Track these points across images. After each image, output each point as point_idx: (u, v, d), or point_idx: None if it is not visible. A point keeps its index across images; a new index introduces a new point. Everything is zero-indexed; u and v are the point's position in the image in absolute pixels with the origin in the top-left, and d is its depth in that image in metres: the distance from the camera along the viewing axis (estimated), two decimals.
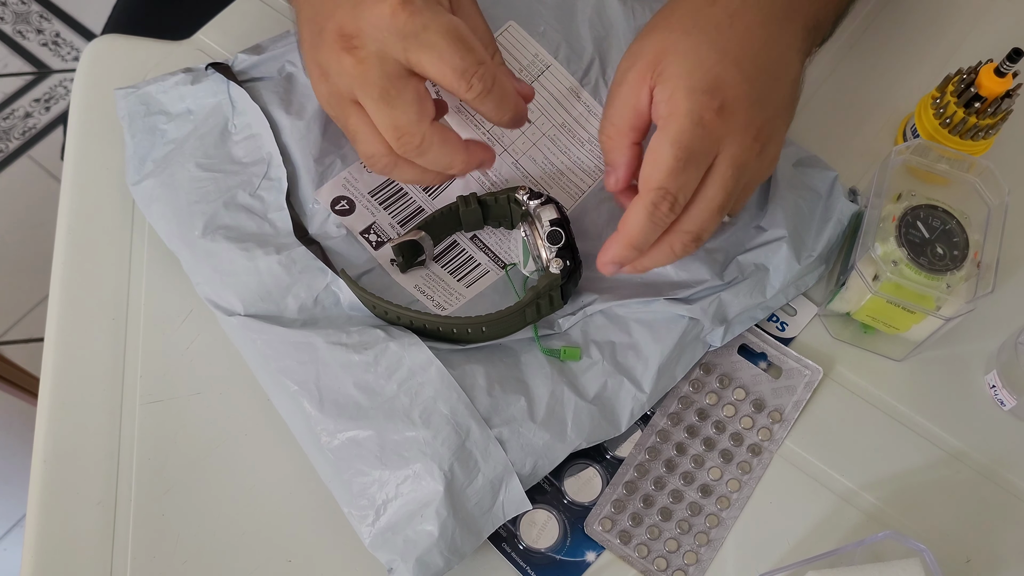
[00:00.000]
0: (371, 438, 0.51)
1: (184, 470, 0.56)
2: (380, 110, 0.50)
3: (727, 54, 0.50)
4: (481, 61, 0.49)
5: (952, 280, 0.55)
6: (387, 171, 0.54)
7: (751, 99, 0.50)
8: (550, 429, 0.53)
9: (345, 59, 0.50)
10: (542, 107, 0.64)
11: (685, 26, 0.52)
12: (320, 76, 0.53)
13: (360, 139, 0.53)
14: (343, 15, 0.50)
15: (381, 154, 0.53)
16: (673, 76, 0.50)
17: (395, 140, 0.51)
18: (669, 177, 0.48)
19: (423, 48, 0.49)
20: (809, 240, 0.59)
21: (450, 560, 0.51)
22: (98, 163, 0.64)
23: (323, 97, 0.54)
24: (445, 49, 0.49)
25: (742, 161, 0.50)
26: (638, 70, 0.51)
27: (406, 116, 0.50)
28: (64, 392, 0.58)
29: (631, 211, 0.49)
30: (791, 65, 0.53)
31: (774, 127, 0.52)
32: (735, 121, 0.49)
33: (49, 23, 1.73)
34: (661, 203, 0.49)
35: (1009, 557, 0.55)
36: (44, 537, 0.54)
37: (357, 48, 0.49)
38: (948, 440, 0.58)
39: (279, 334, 0.54)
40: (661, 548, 0.55)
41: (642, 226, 0.49)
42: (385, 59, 0.49)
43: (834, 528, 0.56)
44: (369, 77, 0.50)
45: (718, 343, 0.58)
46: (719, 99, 0.49)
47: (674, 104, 0.49)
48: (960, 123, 0.61)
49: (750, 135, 0.50)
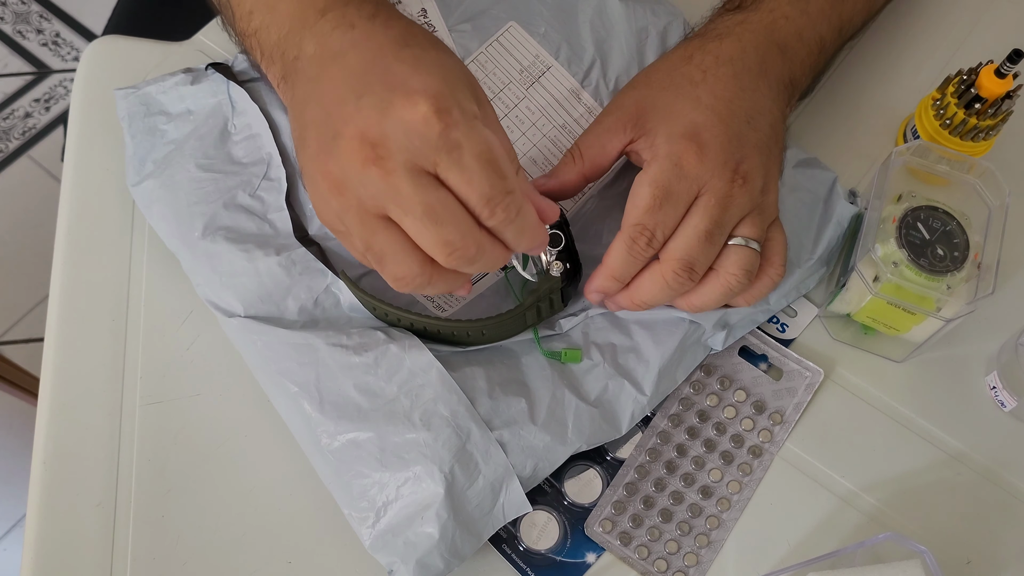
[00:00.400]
0: (371, 440, 0.51)
1: (184, 471, 0.56)
2: (427, 228, 0.44)
3: (700, 102, 0.54)
4: (509, 190, 0.45)
5: (952, 281, 0.55)
6: (420, 289, 0.47)
7: (727, 137, 0.53)
8: (551, 431, 0.53)
9: (371, 171, 0.44)
10: (543, 108, 0.64)
11: (662, 83, 0.56)
12: (332, 189, 0.46)
13: (390, 260, 0.46)
14: (366, 120, 0.44)
15: (416, 274, 0.46)
16: (653, 127, 0.54)
17: (446, 256, 0.45)
18: (646, 214, 0.51)
19: (453, 167, 0.44)
20: (809, 243, 0.59)
21: (450, 562, 0.51)
22: (98, 164, 0.64)
23: (332, 213, 0.47)
24: (476, 173, 0.44)
25: (724, 193, 0.52)
26: (617, 118, 0.56)
27: (458, 230, 0.45)
28: (64, 393, 0.58)
29: (612, 245, 0.52)
30: (767, 111, 0.56)
31: (753, 163, 0.53)
32: (713, 159, 0.52)
33: (49, 23, 1.73)
34: (639, 238, 0.51)
35: (1010, 558, 0.55)
36: (44, 538, 0.54)
37: (384, 158, 0.43)
38: (948, 441, 0.58)
39: (279, 335, 0.54)
40: (661, 549, 0.55)
41: (622, 259, 0.52)
42: (415, 171, 0.44)
43: (834, 530, 0.56)
44: (404, 192, 0.44)
45: (719, 347, 0.58)
46: (697, 142, 0.52)
47: (654, 150, 0.53)
48: (960, 124, 0.61)
49: (729, 169, 0.52)
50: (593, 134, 0.56)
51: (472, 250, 0.45)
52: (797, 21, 0.59)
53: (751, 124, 0.55)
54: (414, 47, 0.47)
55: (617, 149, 0.56)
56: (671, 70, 0.57)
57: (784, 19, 0.59)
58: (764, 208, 0.54)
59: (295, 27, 0.51)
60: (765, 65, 0.57)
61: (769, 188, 0.55)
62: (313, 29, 0.50)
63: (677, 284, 0.52)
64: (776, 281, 0.55)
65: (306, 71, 0.50)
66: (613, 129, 0.56)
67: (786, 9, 0.59)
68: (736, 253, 0.53)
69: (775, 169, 0.56)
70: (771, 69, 0.57)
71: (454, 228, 0.44)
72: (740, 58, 0.56)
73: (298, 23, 0.50)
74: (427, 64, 0.46)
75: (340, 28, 0.49)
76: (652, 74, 0.58)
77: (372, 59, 0.47)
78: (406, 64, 0.46)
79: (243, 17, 0.54)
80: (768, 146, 0.55)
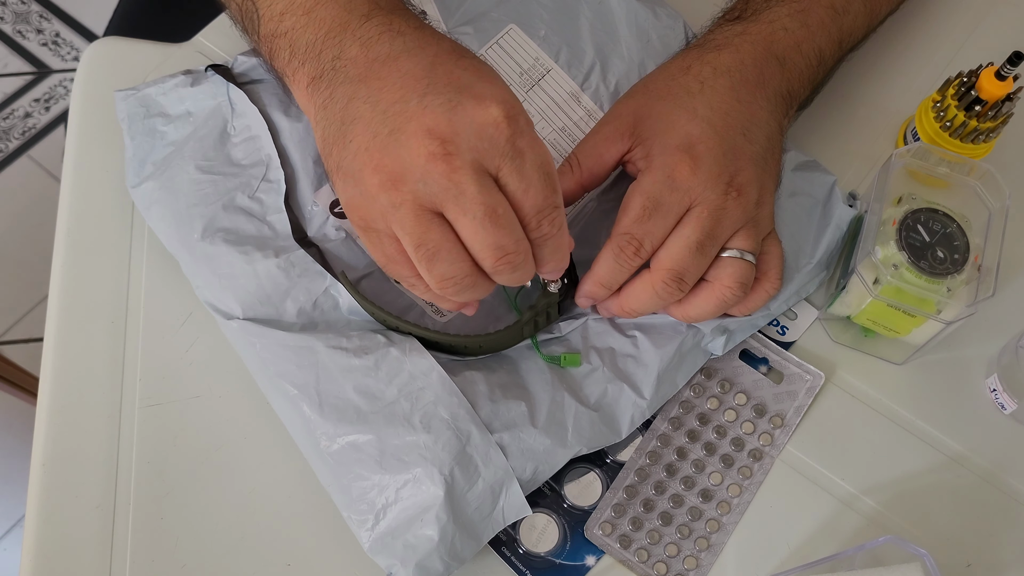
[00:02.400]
0: (371, 442, 0.51)
1: (183, 473, 0.56)
2: (484, 229, 0.44)
3: (697, 113, 0.54)
4: (558, 205, 0.46)
5: (953, 284, 0.55)
6: (463, 293, 0.48)
7: (721, 150, 0.53)
8: (551, 434, 0.53)
9: (437, 166, 0.44)
10: (542, 111, 0.64)
11: (660, 93, 0.56)
12: (385, 183, 0.45)
13: (443, 258, 0.46)
14: (434, 117, 0.44)
15: (465, 274, 0.46)
16: (648, 137, 0.54)
17: (494, 260, 0.46)
18: (634, 224, 0.52)
19: (515, 173, 0.45)
20: (808, 246, 0.59)
21: (450, 565, 0.51)
22: (98, 165, 0.64)
23: (378, 209, 0.46)
24: (535, 183, 0.45)
25: (717, 206, 0.52)
26: (614, 128, 0.56)
27: (513, 236, 0.45)
28: (63, 395, 0.58)
29: (601, 253, 0.53)
30: (764, 123, 0.56)
31: (748, 176, 0.53)
32: (706, 171, 0.52)
33: (49, 23, 1.73)
34: (626, 247, 0.52)
35: (1010, 561, 0.55)
36: (43, 541, 0.54)
37: (452, 155, 0.44)
38: (949, 444, 0.58)
39: (278, 338, 0.54)
40: (661, 553, 0.55)
41: (609, 267, 0.53)
42: (480, 171, 0.44)
43: (835, 533, 0.56)
44: (468, 191, 0.44)
45: (719, 352, 0.58)
46: (690, 154, 0.52)
47: (649, 160, 0.53)
48: (961, 126, 0.61)
49: (723, 181, 0.52)
50: (590, 143, 0.56)
51: (520, 258, 0.46)
52: (796, 33, 0.59)
53: (747, 136, 0.55)
54: (471, 58, 0.48)
55: (614, 158, 0.56)
56: (669, 80, 0.57)
57: (783, 31, 0.59)
58: (759, 221, 0.54)
59: (335, 30, 0.51)
60: (763, 77, 0.57)
61: (764, 201, 0.55)
62: (356, 32, 0.50)
63: (666, 293, 0.52)
64: (771, 294, 0.56)
65: (348, 71, 0.49)
66: (611, 138, 0.56)
67: (786, 21, 0.59)
68: (730, 265, 0.53)
69: (771, 182, 0.56)
70: (769, 81, 0.57)
71: (510, 234, 0.45)
72: (738, 69, 0.56)
73: (338, 26, 0.51)
74: (489, 73, 0.47)
75: (388, 34, 0.49)
76: (650, 84, 0.58)
77: (431, 64, 0.47)
78: (469, 72, 0.47)
79: (272, 19, 0.54)
80: (764, 159, 0.55)
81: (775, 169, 0.57)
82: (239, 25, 0.59)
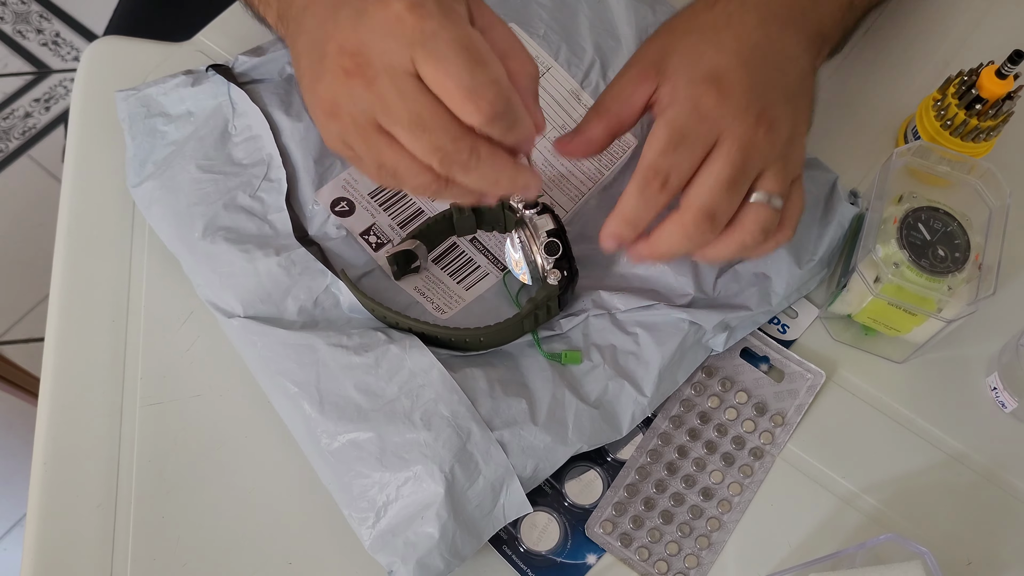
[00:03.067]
0: (371, 440, 0.51)
1: (184, 472, 0.56)
2: (416, 136, 0.43)
3: (724, 47, 0.51)
4: (494, 80, 0.43)
5: (953, 282, 0.55)
6: (438, 195, 0.47)
7: (750, 82, 0.50)
8: (551, 432, 0.53)
9: (354, 84, 0.43)
10: (543, 110, 0.63)
11: (685, 28, 0.54)
12: (328, 113, 0.45)
13: (405, 174, 0.45)
14: (343, 31, 0.43)
15: (430, 181, 0.46)
16: (674, 72, 0.52)
17: (439, 162, 0.44)
18: (660, 156, 0.49)
19: (429, 58, 0.42)
20: (810, 244, 0.59)
21: (450, 562, 0.51)
22: (98, 165, 0.64)
23: (335, 138, 0.46)
24: (453, 62, 0.42)
25: (745, 140, 0.49)
26: (640, 67, 0.53)
27: (448, 134, 0.43)
28: (64, 394, 0.58)
29: (626, 189, 0.50)
30: (795, 59, 0.54)
31: (779, 111, 0.51)
32: (734, 103, 0.50)
33: (49, 23, 1.73)
34: (652, 180, 0.49)
35: (1010, 559, 0.55)
36: (44, 540, 0.54)
37: (363, 67, 0.43)
38: (949, 442, 0.58)
39: (279, 336, 0.54)
40: (662, 551, 0.55)
41: (634, 202, 0.49)
42: (396, 75, 0.42)
43: (835, 531, 0.56)
44: (389, 101, 0.43)
45: (720, 348, 0.58)
46: (717, 85, 0.50)
47: (674, 94, 0.51)
48: (961, 125, 0.61)
49: (752, 115, 0.50)
50: (616, 87, 0.54)
51: (464, 154, 0.44)
52: None
53: (778, 71, 0.52)
54: None
55: (642, 100, 0.53)
56: (693, 16, 0.54)
57: None
58: (789, 160, 0.51)
59: None
60: (793, 14, 0.54)
61: (796, 140, 0.52)
62: None
63: (699, 234, 0.50)
64: (781, 243, 0.53)
65: (297, 3, 0.50)
66: (636, 79, 0.53)
67: None
68: (757, 211, 0.50)
69: (803, 121, 0.53)
70: (799, 19, 0.54)
71: (443, 132, 0.43)
72: (766, 4, 0.54)
73: None
74: None
75: None
76: (674, 22, 0.55)
77: None
78: None
79: None
80: (797, 95, 0.53)
81: (807, 108, 0.54)
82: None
